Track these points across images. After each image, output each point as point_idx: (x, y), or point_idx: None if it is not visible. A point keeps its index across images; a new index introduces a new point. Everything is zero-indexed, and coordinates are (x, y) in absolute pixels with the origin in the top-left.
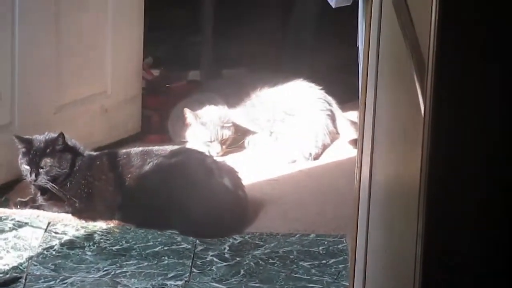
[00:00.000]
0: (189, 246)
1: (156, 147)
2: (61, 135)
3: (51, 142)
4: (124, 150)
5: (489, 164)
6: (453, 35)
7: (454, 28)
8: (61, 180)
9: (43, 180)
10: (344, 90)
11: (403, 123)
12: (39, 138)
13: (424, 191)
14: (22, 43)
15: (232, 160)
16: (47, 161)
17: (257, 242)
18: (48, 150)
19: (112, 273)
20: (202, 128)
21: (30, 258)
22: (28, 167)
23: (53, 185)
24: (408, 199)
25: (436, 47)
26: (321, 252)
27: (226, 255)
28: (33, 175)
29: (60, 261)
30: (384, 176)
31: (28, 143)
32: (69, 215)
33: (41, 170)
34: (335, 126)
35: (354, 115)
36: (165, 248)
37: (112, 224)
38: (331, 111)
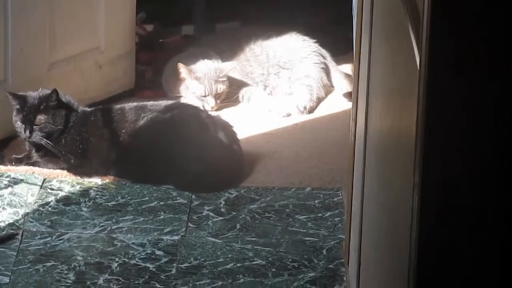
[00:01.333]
0: (185, 201)
1: (150, 102)
2: (55, 91)
3: (45, 98)
4: (118, 106)
5: (487, 116)
6: None
7: None
8: (56, 136)
9: (37, 137)
10: (338, 43)
11: (398, 75)
12: (33, 94)
13: (420, 143)
14: (14, 0)
15: (226, 115)
16: (41, 118)
17: (252, 196)
18: (42, 107)
19: (108, 228)
20: (196, 82)
21: (26, 214)
22: (22, 124)
23: (48, 141)
24: (404, 152)
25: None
26: (317, 205)
27: (222, 210)
28: (27, 132)
29: (56, 217)
30: (379, 129)
31: (22, 99)
32: (65, 172)
33: (35, 127)
34: (329, 79)
35: (348, 68)
36: (161, 203)
37: (107, 180)
38: (326, 64)
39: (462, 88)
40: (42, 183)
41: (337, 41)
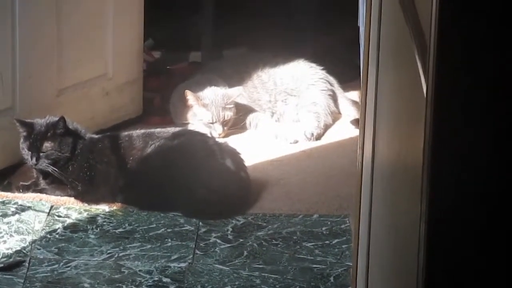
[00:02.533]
0: (192, 228)
1: (158, 129)
2: (62, 119)
3: (52, 126)
4: (126, 133)
5: (494, 142)
6: (455, 14)
7: (456, 7)
8: (62, 163)
9: (43, 164)
10: (345, 70)
11: (405, 102)
12: (40, 122)
13: (427, 171)
14: (22, 27)
15: (234, 141)
16: (47, 145)
17: (260, 223)
18: (49, 134)
19: (116, 255)
20: (204, 109)
21: (33, 241)
22: (29, 151)
23: (54, 168)
24: (411, 179)
25: (437, 26)
26: (324, 232)
27: (229, 237)
28: (34, 159)
29: (63, 244)
30: (386, 156)
31: (29, 126)
32: (72, 199)
33: (42, 154)
34: (336, 106)
35: (355, 95)
36: (168, 230)
37: (114, 207)
38: (333, 91)
39: (470, 115)
40: (50, 210)
41: (344, 68)
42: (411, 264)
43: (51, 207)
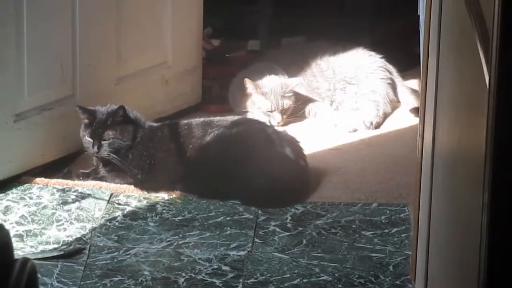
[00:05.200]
0: (251, 216)
1: (217, 118)
2: (122, 107)
3: (112, 114)
4: (185, 121)
5: None
6: None
7: None
8: (123, 152)
9: (105, 152)
10: (405, 59)
11: (467, 92)
12: (102, 109)
13: (489, 161)
14: (82, 15)
15: (293, 130)
16: (109, 133)
17: (318, 211)
18: (109, 122)
19: (175, 243)
20: (263, 98)
21: (93, 229)
22: (90, 139)
23: (115, 156)
24: (472, 169)
25: (501, 15)
26: (383, 221)
27: (288, 225)
28: (96, 147)
29: (123, 232)
30: (447, 145)
31: (91, 114)
32: (132, 186)
33: (104, 142)
34: (395, 95)
35: (414, 83)
36: (227, 218)
37: (174, 195)
38: (392, 79)
39: None
40: (109, 198)
41: (403, 56)
42: (472, 256)
43: (111, 195)
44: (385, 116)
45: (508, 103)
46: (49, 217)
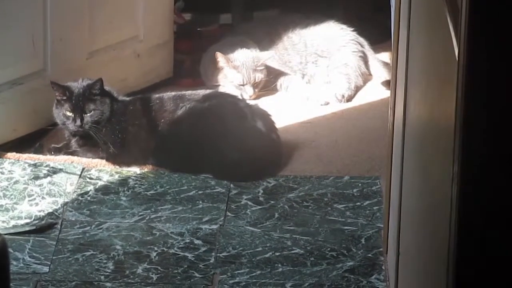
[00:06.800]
0: (223, 190)
1: (188, 92)
2: (100, 80)
3: (90, 87)
4: (157, 95)
5: None
6: None
7: None
8: (102, 125)
9: (87, 125)
10: (376, 32)
11: (437, 64)
12: (75, 84)
13: (458, 132)
14: None
15: (265, 103)
16: (90, 106)
17: (291, 185)
18: (87, 95)
19: (147, 218)
20: (234, 71)
21: (65, 204)
22: (71, 114)
23: (97, 127)
24: (442, 141)
25: None
26: (355, 194)
27: (260, 199)
28: (78, 121)
29: (95, 206)
30: (418, 118)
31: (66, 89)
32: (103, 161)
33: (85, 115)
34: (367, 68)
35: (386, 56)
36: (199, 192)
37: (146, 169)
38: (363, 52)
39: (501, 76)
40: (81, 172)
41: (375, 29)
42: (443, 225)
43: (83, 169)
44: (357, 89)
45: (477, 75)
46: (21, 192)
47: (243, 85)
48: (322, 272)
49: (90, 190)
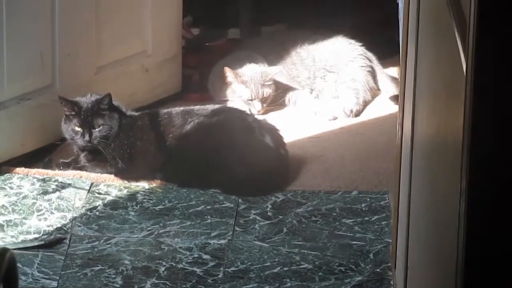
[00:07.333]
0: (232, 205)
1: (197, 107)
2: (108, 95)
3: (98, 102)
4: (165, 110)
5: None
6: None
7: None
8: (111, 140)
9: (96, 140)
10: (385, 46)
11: (445, 79)
12: (84, 99)
13: (466, 148)
14: (61, 4)
15: (273, 118)
16: (99, 121)
17: (299, 199)
18: (96, 110)
19: (156, 232)
20: (243, 86)
21: (74, 219)
22: (79, 129)
23: (106, 142)
24: (450, 156)
25: (477, 3)
26: (363, 209)
27: (269, 213)
28: (87, 136)
29: (103, 221)
30: (426, 133)
31: (74, 104)
32: (112, 176)
33: (94, 130)
34: (375, 82)
35: (394, 71)
36: (208, 207)
37: (154, 184)
38: (372, 67)
39: (509, 92)
40: (90, 187)
41: (383, 44)
42: (451, 242)
43: (91, 184)
44: (365, 104)
45: (485, 90)
46: (30, 207)
47: (251, 100)
48: (330, 287)
49: (99, 205)
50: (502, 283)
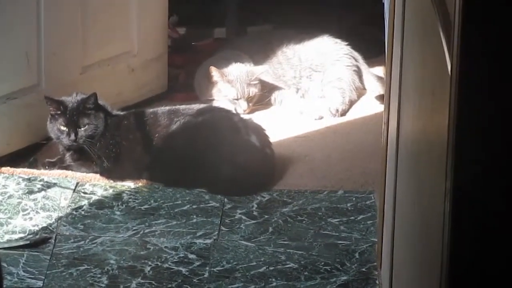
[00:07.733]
0: (217, 205)
1: (183, 106)
2: (94, 94)
3: (84, 101)
4: (151, 110)
5: None
6: None
7: None
8: (96, 139)
9: (81, 139)
10: (370, 46)
11: (430, 79)
12: (70, 99)
13: (451, 148)
14: (47, 4)
15: (259, 118)
16: (85, 120)
17: (285, 199)
18: (82, 110)
19: (141, 232)
20: (229, 85)
21: (59, 218)
22: (65, 128)
23: (91, 141)
24: (435, 156)
25: (462, 2)
26: (349, 208)
27: (254, 213)
28: (72, 135)
29: (89, 221)
30: (411, 132)
31: (60, 104)
32: (97, 175)
33: (79, 129)
34: (361, 82)
35: (380, 70)
36: (194, 206)
37: (140, 183)
38: (358, 66)
39: (494, 91)
40: (75, 187)
41: (369, 43)
42: (436, 240)
43: (77, 183)
44: (351, 103)
45: (469, 90)
46: (15, 206)
47: (237, 99)
48: (316, 286)
49: (84, 204)
50: (487, 282)
